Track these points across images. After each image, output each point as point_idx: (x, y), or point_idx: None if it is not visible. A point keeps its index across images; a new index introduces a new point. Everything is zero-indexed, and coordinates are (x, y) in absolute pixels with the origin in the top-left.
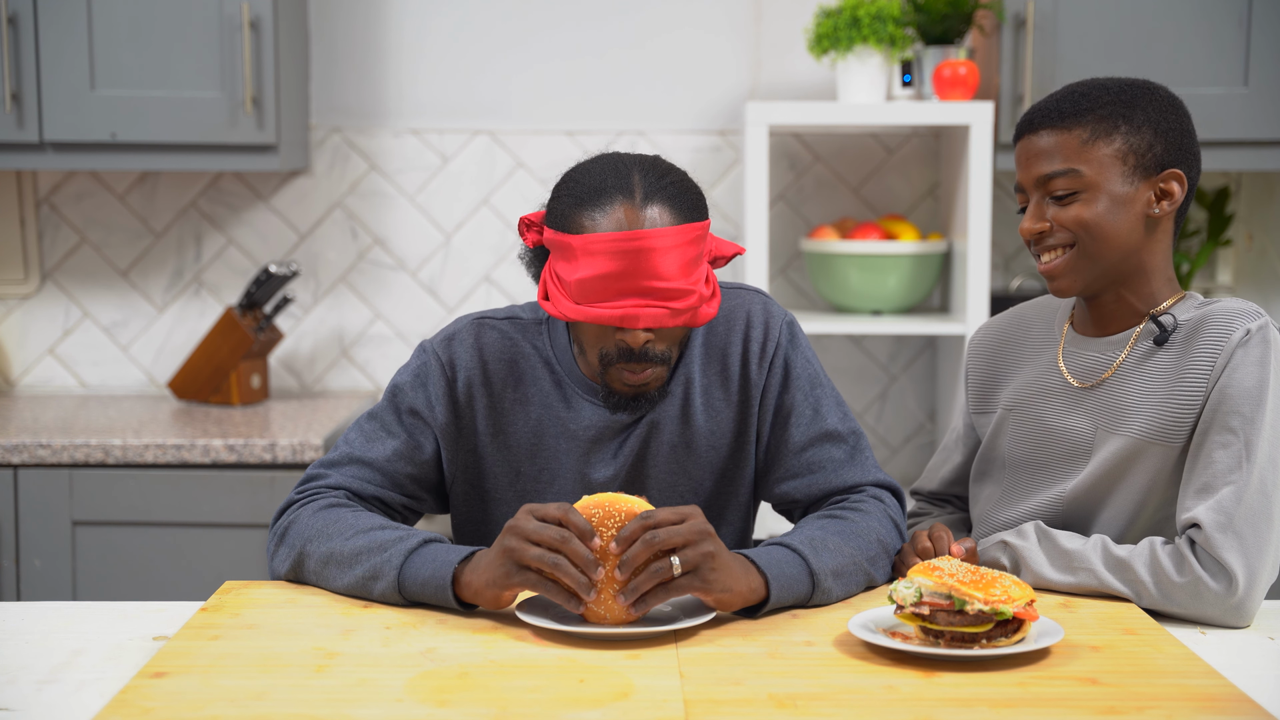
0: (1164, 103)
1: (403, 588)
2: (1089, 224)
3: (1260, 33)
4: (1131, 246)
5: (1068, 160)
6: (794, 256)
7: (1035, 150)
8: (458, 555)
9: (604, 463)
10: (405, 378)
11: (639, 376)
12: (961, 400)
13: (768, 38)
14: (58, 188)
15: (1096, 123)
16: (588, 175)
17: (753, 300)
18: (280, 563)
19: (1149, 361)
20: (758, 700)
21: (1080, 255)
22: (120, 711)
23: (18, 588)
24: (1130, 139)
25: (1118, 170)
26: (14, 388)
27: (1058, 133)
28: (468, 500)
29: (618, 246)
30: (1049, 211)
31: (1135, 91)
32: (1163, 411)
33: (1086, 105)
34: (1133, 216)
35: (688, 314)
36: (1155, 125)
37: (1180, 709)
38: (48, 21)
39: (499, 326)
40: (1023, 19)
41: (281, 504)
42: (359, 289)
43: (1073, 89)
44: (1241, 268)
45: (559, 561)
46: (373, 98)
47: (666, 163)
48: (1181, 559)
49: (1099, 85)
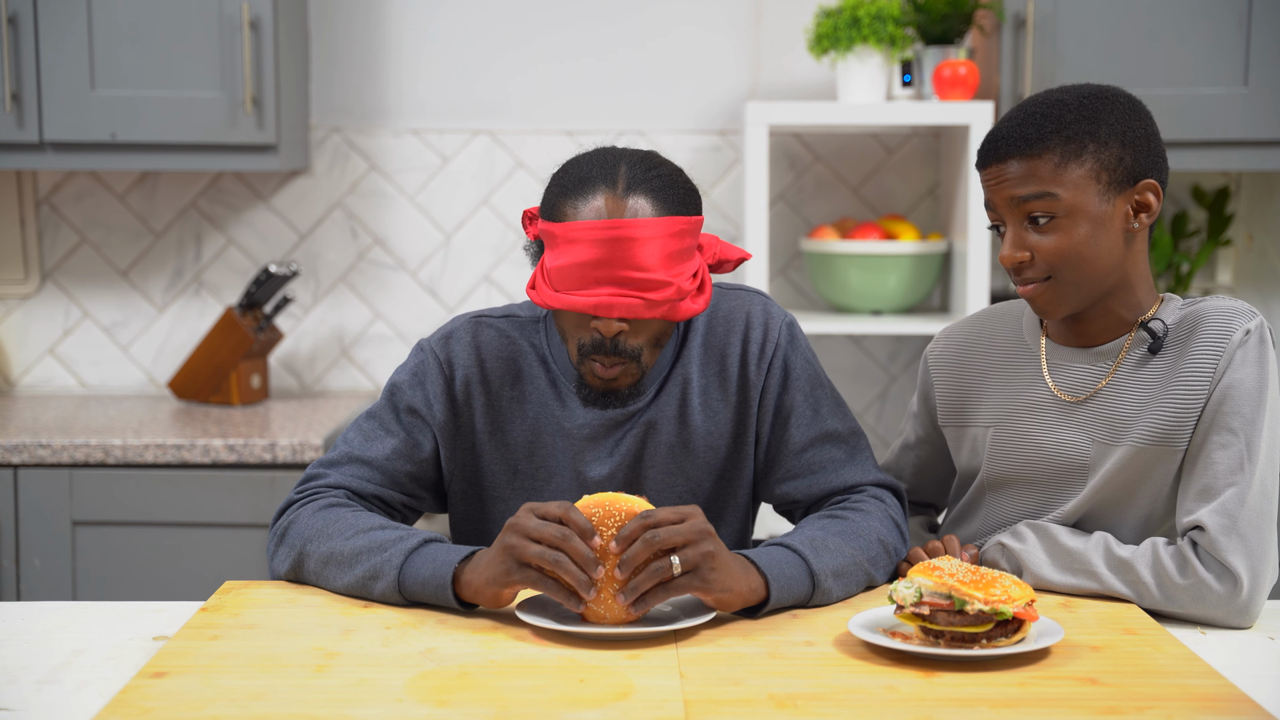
0: (1125, 110)
1: (403, 587)
2: (1070, 255)
3: (1260, 33)
4: (1114, 264)
5: (1043, 184)
6: (794, 256)
7: (1006, 176)
8: (458, 555)
9: (600, 461)
10: (403, 376)
11: (608, 371)
12: (914, 408)
13: (768, 37)
14: (58, 188)
15: (1064, 145)
16: (577, 166)
17: (752, 301)
18: (280, 563)
19: (1143, 369)
20: (758, 700)
21: (1063, 284)
22: (120, 711)
23: (18, 588)
24: (1100, 155)
25: (1093, 189)
26: (14, 388)
27: (1027, 160)
28: (465, 499)
29: (597, 234)
30: (1029, 239)
31: (1096, 104)
32: (1163, 416)
33: (1051, 127)
34: (1113, 235)
35: (665, 306)
36: (1121, 137)
37: (1180, 709)
38: (48, 21)
39: (496, 325)
40: (1023, 19)
41: (281, 504)
42: (359, 289)
43: (1031, 111)
44: (1241, 268)
45: (559, 559)
46: (373, 98)
47: (660, 158)
48: (1185, 561)
49: (1058, 104)
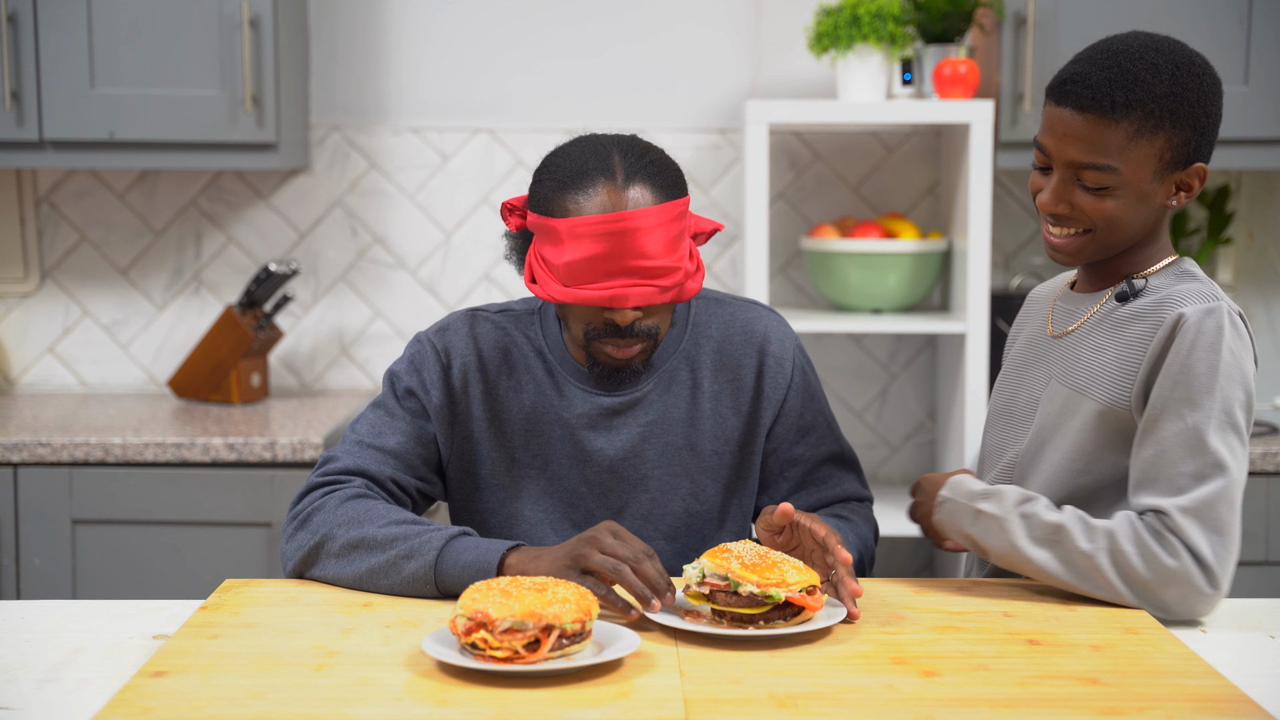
0: (1209, 92)
1: (439, 568)
2: (1111, 219)
3: (1260, 31)
4: (1142, 231)
5: (1107, 155)
6: (794, 255)
7: (1073, 131)
8: (504, 544)
9: (598, 451)
10: (400, 365)
11: (626, 351)
12: None
13: (768, 36)
14: (57, 186)
15: (1143, 119)
16: (568, 159)
17: (769, 318)
18: (296, 547)
19: (1108, 319)
20: (758, 700)
21: (1093, 241)
22: (120, 711)
23: (17, 586)
24: (1172, 138)
25: (1151, 168)
26: (14, 386)
27: (1102, 123)
28: (462, 487)
29: (603, 229)
30: (1074, 194)
31: (1186, 80)
32: (1091, 367)
33: (1139, 95)
34: (1151, 208)
35: (674, 290)
36: (1195, 121)
37: (1181, 709)
38: (47, 20)
39: (492, 319)
40: (1023, 17)
41: (302, 488)
42: (359, 287)
43: (1125, 68)
44: (1242, 266)
45: (620, 568)
46: (373, 96)
47: (644, 141)
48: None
49: (1151, 67)
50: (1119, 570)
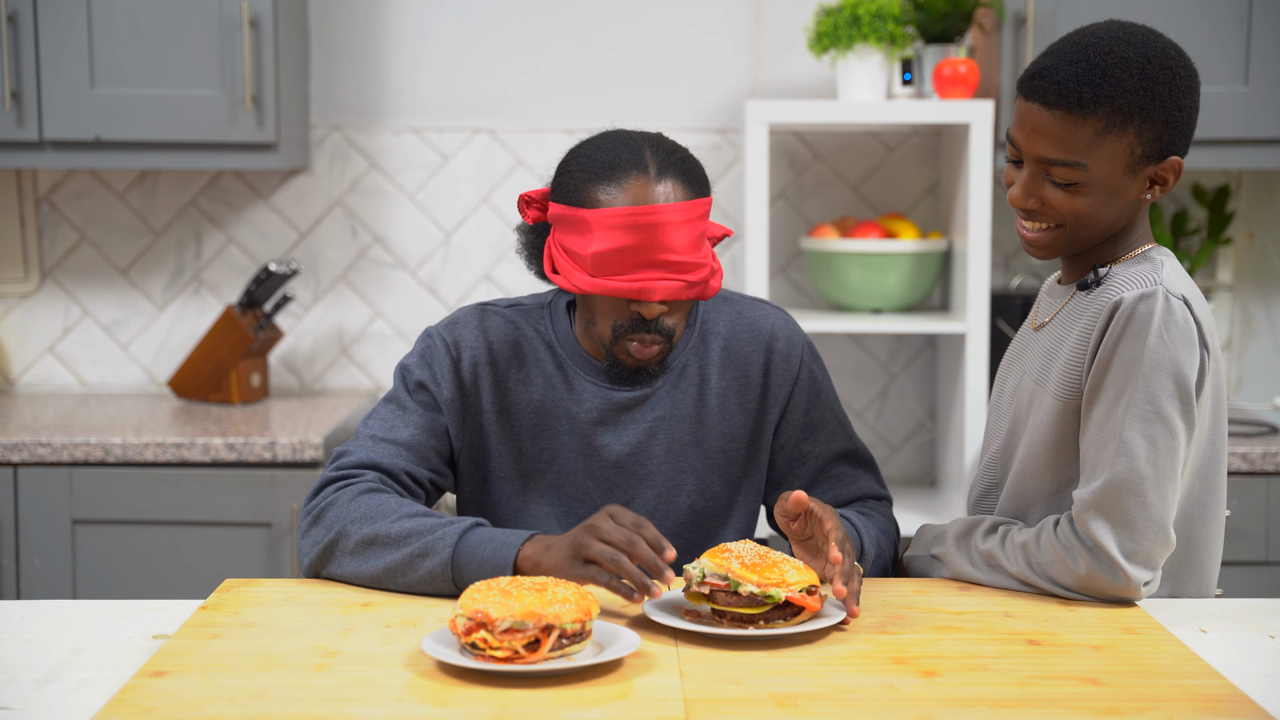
0: (1182, 85)
1: (456, 563)
2: (1080, 215)
3: (1260, 31)
4: (1114, 225)
5: (1075, 153)
6: (794, 255)
7: (1041, 126)
8: (520, 536)
9: (607, 446)
10: (411, 359)
11: (647, 352)
12: None
13: (768, 36)
14: (57, 186)
15: (1111, 115)
16: (599, 150)
17: (777, 316)
18: (312, 543)
19: (1070, 310)
20: (758, 700)
21: (1064, 235)
22: (120, 711)
23: (17, 586)
24: (1142, 133)
25: (1122, 164)
26: (14, 386)
27: (1070, 120)
28: (471, 480)
29: (633, 220)
30: (1043, 189)
31: (1156, 74)
32: (1059, 363)
33: (1106, 91)
34: (1124, 203)
35: (700, 286)
36: (1167, 115)
37: (1180, 709)
38: (47, 20)
39: (502, 313)
40: (1023, 17)
41: (316, 483)
42: (359, 287)
43: (1093, 63)
44: (1242, 266)
45: (618, 557)
46: (373, 96)
47: (671, 139)
48: (1058, 555)
49: (1120, 61)
50: (1050, 579)
